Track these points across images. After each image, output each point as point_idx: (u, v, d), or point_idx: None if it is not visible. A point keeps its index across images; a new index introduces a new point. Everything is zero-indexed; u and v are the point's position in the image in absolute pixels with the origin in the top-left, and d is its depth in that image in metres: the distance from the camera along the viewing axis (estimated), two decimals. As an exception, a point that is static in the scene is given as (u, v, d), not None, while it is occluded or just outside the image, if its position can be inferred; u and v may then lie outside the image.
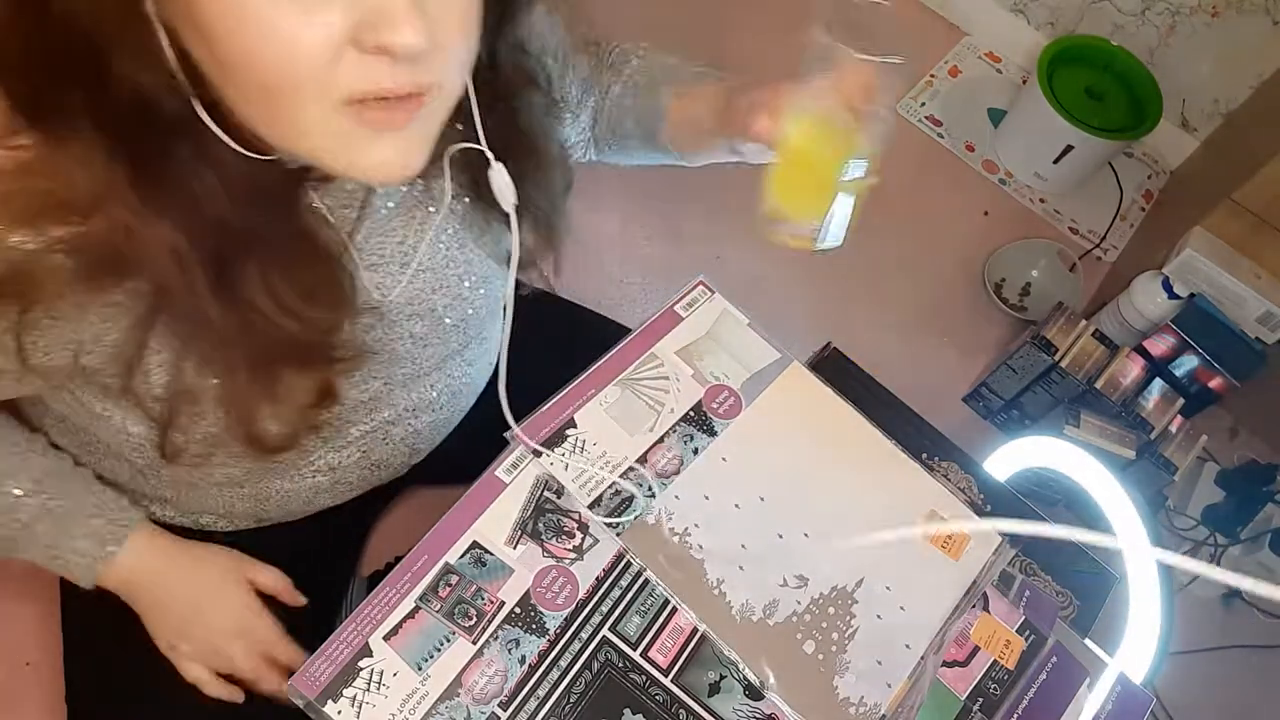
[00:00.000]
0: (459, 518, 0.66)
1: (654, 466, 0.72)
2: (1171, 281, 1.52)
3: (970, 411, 1.67)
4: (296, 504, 0.77)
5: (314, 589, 0.82)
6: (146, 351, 0.57)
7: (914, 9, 2.09)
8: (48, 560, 0.69)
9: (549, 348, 0.95)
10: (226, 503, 0.76)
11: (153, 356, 0.57)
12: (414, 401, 0.75)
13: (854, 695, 0.67)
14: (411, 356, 0.71)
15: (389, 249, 0.65)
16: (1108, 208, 1.91)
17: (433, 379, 0.75)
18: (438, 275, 0.68)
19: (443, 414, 0.79)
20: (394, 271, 0.65)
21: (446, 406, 0.79)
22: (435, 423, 0.79)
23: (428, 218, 0.66)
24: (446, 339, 0.72)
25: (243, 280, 0.53)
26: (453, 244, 0.69)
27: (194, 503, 0.76)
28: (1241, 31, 1.73)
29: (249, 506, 0.77)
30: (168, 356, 0.58)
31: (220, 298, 0.53)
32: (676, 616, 0.67)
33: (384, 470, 0.80)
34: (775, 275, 1.70)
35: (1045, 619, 0.74)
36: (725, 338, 0.80)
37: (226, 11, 0.43)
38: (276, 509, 0.78)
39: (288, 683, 0.58)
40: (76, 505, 0.69)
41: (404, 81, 0.48)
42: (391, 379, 0.71)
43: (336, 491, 0.78)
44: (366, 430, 0.74)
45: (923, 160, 1.90)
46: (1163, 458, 1.43)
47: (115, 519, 0.71)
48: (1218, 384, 1.48)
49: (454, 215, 0.68)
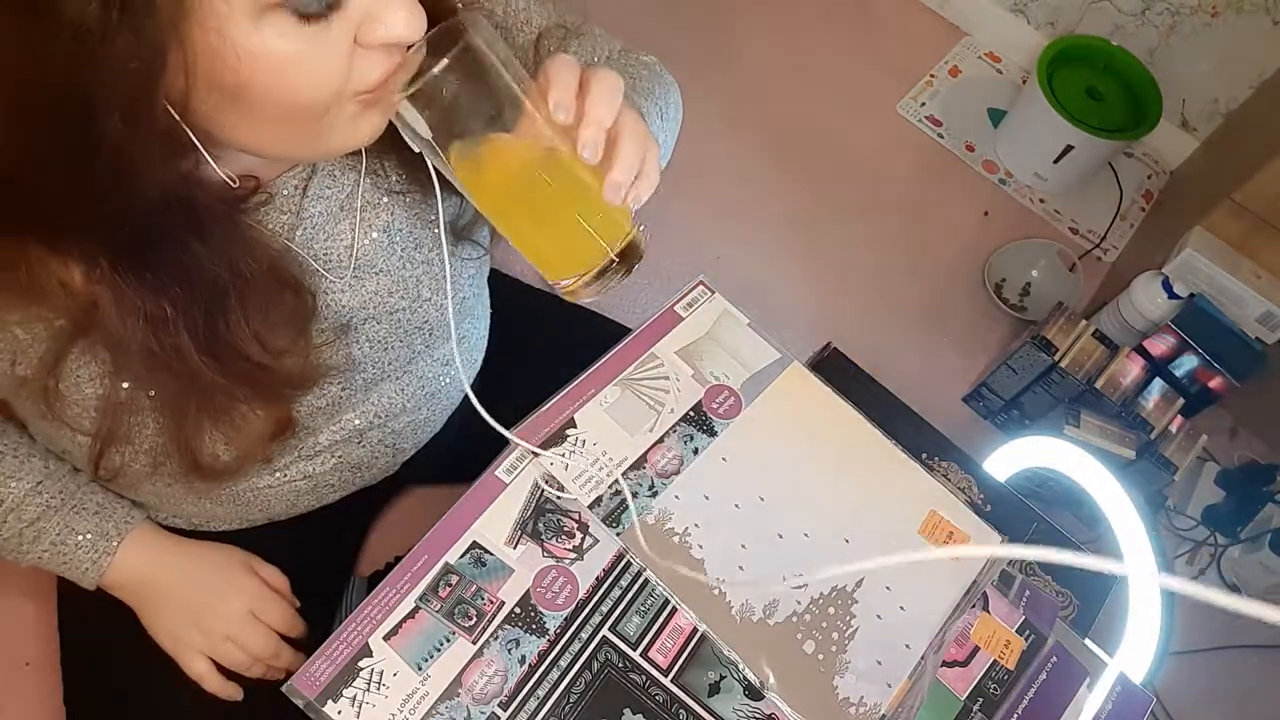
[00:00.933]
0: (459, 518, 0.66)
1: (654, 466, 0.72)
2: (1171, 281, 1.52)
3: (970, 411, 1.67)
4: (279, 507, 0.77)
5: (314, 589, 0.82)
6: (74, 364, 0.56)
7: (914, 9, 2.09)
8: (54, 558, 0.69)
9: (549, 348, 0.95)
10: (205, 509, 0.76)
11: (82, 370, 0.57)
12: (384, 405, 0.74)
13: (854, 695, 0.67)
14: (371, 360, 0.70)
15: (335, 252, 0.64)
16: (1108, 208, 1.91)
17: (401, 382, 0.74)
18: (393, 277, 0.67)
19: (421, 415, 0.79)
20: (342, 274, 0.64)
21: (424, 407, 0.78)
22: (415, 424, 0.79)
23: (373, 215, 0.65)
24: (410, 340, 0.71)
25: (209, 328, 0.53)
26: (409, 244, 0.67)
27: (174, 507, 0.76)
28: (1241, 31, 1.73)
29: (229, 510, 0.76)
30: (98, 370, 0.57)
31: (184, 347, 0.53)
32: (676, 616, 0.67)
33: (367, 472, 0.80)
34: (775, 275, 1.71)
35: (1045, 619, 0.74)
36: (725, 338, 0.80)
37: (254, 75, 0.45)
38: (259, 512, 0.77)
39: (288, 683, 0.58)
40: (80, 504, 0.70)
41: (397, 58, 0.50)
42: (350, 384, 0.70)
43: (319, 494, 0.78)
44: (337, 437, 0.73)
45: (923, 160, 1.90)
46: (1163, 458, 1.43)
47: (118, 517, 0.71)
48: (1218, 384, 1.48)
49: (407, 212, 0.67)
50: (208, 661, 0.74)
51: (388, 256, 0.66)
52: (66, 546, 0.69)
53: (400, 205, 0.66)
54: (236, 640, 0.74)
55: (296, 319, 0.60)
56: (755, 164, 1.81)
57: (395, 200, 0.66)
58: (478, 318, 0.84)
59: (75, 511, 0.69)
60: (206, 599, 0.74)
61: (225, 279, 0.53)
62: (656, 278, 1.65)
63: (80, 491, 0.70)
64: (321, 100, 0.48)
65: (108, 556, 0.70)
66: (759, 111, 1.88)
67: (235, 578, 0.77)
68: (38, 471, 0.68)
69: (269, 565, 0.79)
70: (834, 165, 1.85)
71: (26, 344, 0.55)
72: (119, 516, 0.71)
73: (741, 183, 1.79)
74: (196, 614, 0.74)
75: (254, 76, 0.45)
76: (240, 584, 0.77)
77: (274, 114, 0.47)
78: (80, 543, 0.69)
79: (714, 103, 1.85)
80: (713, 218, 1.73)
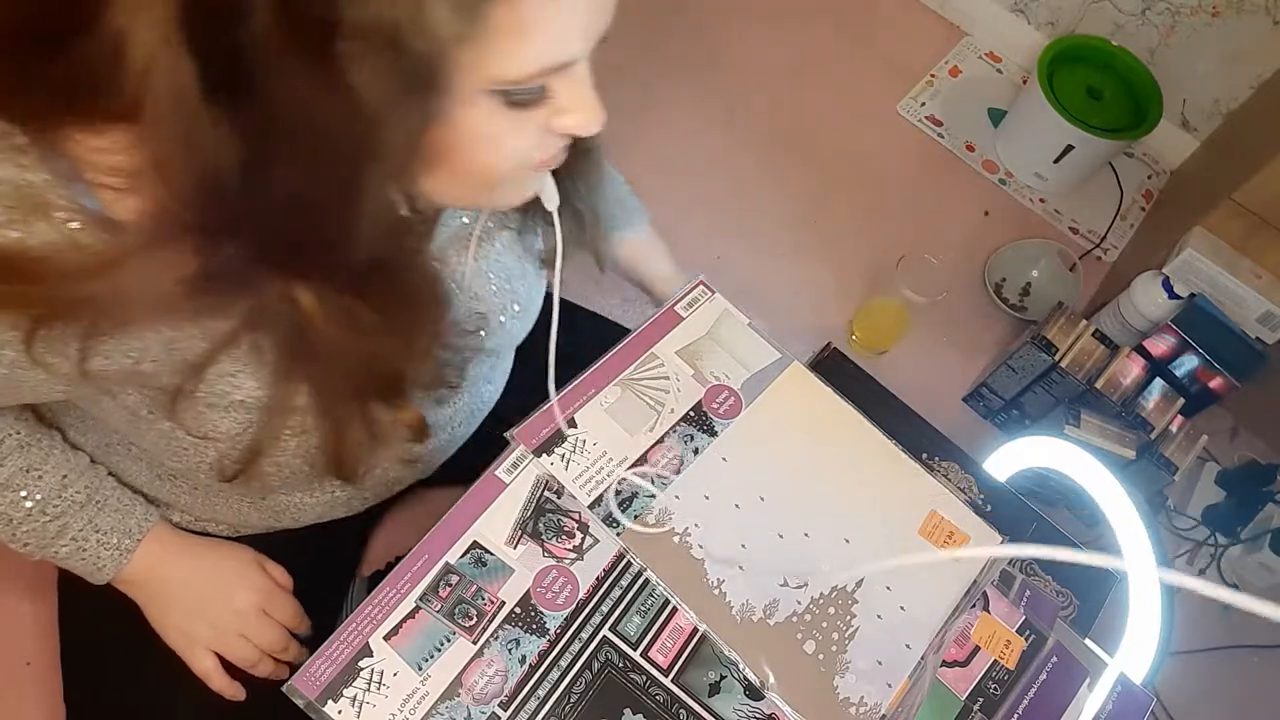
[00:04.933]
0: (459, 518, 0.66)
1: (654, 466, 0.72)
2: (1171, 281, 1.52)
3: (970, 411, 1.67)
4: (310, 516, 0.78)
5: (314, 589, 0.83)
6: (227, 367, 0.56)
7: (914, 9, 2.09)
8: (74, 553, 0.69)
9: (549, 348, 0.95)
10: (240, 514, 0.77)
11: (236, 373, 0.57)
12: (437, 420, 0.75)
13: (854, 695, 0.67)
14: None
15: (448, 276, 0.66)
16: (1108, 208, 1.91)
17: (461, 400, 0.76)
18: (487, 304, 0.70)
19: (460, 430, 0.80)
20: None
21: (465, 424, 0.80)
22: (453, 439, 0.80)
23: (481, 244, 0.68)
24: (479, 363, 0.74)
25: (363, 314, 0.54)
26: (500, 276, 0.70)
27: (207, 510, 0.76)
28: (1241, 31, 1.73)
29: (262, 518, 0.77)
30: (252, 372, 0.57)
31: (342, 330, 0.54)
32: (677, 616, 0.67)
33: (397, 485, 0.82)
34: (775, 275, 1.71)
35: (1045, 619, 0.74)
36: (725, 337, 0.80)
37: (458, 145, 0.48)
38: (289, 520, 0.78)
39: (288, 683, 0.58)
40: (104, 501, 0.70)
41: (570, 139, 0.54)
42: (423, 401, 0.71)
43: (352, 505, 0.80)
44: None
45: (923, 160, 1.90)
46: (1163, 458, 1.43)
47: (139, 514, 0.72)
48: (1218, 384, 1.48)
49: (500, 244, 0.70)
50: (214, 658, 0.75)
51: (483, 284, 0.70)
52: (89, 543, 0.69)
53: (502, 240, 0.71)
54: (247, 633, 0.75)
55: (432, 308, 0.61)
56: (755, 164, 1.81)
57: (501, 233, 0.70)
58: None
59: (100, 508, 0.70)
60: (218, 594, 0.75)
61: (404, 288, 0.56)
62: (656, 278, 1.65)
63: (103, 488, 0.70)
64: (508, 170, 0.52)
65: (128, 555, 0.71)
66: (759, 112, 1.88)
67: (246, 574, 0.78)
68: (62, 466, 0.68)
69: (276, 564, 0.80)
70: (834, 165, 1.85)
71: (171, 340, 0.54)
72: (139, 514, 0.72)
73: (741, 183, 1.78)
74: (207, 609, 0.75)
75: (457, 146, 0.48)
76: (251, 580, 0.78)
77: (462, 176, 0.52)
78: (103, 540, 0.69)
79: (714, 103, 1.85)
80: (713, 218, 1.73)
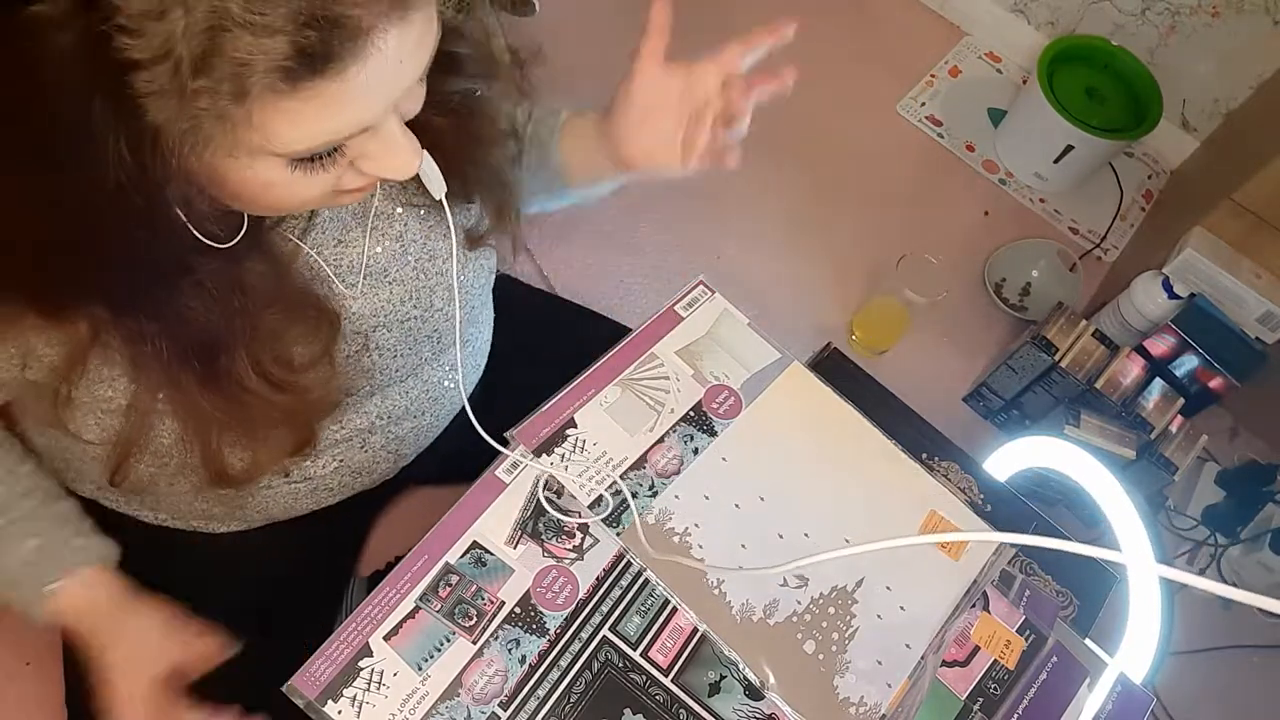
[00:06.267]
0: (459, 518, 0.66)
1: (654, 466, 0.72)
2: (1171, 281, 1.52)
3: (970, 411, 1.67)
4: (276, 509, 0.77)
5: (314, 589, 0.82)
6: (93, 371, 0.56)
7: (914, 9, 2.09)
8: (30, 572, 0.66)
9: (549, 348, 0.95)
10: (203, 508, 0.76)
11: (104, 376, 0.57)
12: (387, 409, 0.74)
13: (854, 695, 0.67)
14: (379, 367, 0.70)
15: (347, 260, 0.64)
16: (1108, 208, 1.91)
17: (406, 385, 0.75)
18: (406, 286, 0.68)
19: (424, 420, 0.79)
20: (355, 282, 0.65)
21: (428, 412, 0.79)
22: (417, 429, 0.79)
23: (386, 225, 0.66)
24: (418, 348, 0.72)
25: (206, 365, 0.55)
26: (423, 254, 0.68)
27: (171, 507, 0.76)
28: (1241, 31, 1.73)
29: (225, 511, 0.76)
30: (119, 374, 0.57)
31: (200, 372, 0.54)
32: (676, 616, 0.67)
33: (366, 476, 0.79)
34: (775, 275, 1.71)
35: (1045, 619, 0.74)
36: (725, 338, 0.80)
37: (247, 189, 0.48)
38: (257, 514, 0.77)
39: (288, 683, 0.58)
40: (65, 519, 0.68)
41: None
42: (356, 389, 0.70)
43: (317, 498, 0.78)
44: (339, 439, 0.73)
45: (923, 160, 1.90)
46: (1163, 458, 1.43)
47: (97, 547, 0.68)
48: (1218, 384, 1.48)
49: (421, 224, 0.68)
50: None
51: (400, 266, 0.67)
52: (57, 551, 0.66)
53: (414, 217, 0.67)
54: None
55: (319, 339, 0.61)
56: (755, 164, 1.80)
57: (410, 212, 0.67)
58: (483, 324, 0.84)
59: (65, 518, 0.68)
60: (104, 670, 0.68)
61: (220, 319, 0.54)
62: (656, 278, 1.65)
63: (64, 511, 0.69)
64: (311, 203, 0.53)
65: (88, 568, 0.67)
66: (759, 111, 1.87)
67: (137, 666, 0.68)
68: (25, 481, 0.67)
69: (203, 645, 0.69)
70: (834, 165, 1.85)
71: (39, 348, 0.55)
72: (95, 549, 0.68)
73: (741, 182, 1.78)
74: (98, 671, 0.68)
75: (246, 190, 0.48)
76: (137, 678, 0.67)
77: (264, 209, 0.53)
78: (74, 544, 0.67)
79: (714, 103, 1.85)
80: (713, 217, 1.73)
